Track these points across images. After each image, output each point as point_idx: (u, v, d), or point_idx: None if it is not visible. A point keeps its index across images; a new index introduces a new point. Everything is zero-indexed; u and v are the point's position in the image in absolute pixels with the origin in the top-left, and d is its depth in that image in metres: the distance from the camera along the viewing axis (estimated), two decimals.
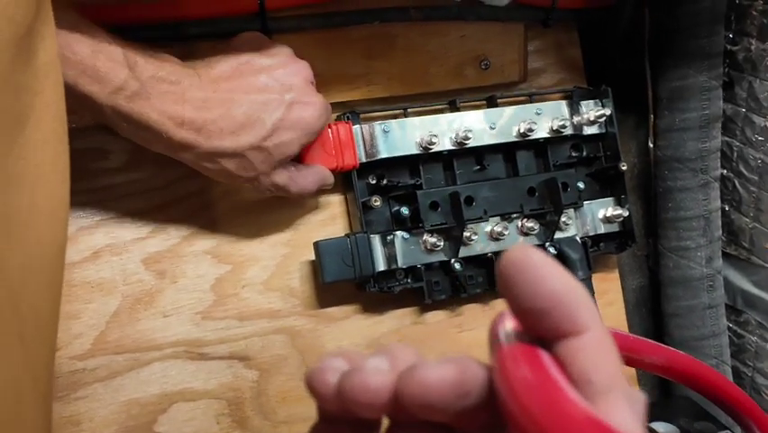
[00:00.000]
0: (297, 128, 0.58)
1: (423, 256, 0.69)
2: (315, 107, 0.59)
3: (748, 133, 0.74)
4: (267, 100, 0.57)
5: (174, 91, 0.53)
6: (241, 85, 0.56)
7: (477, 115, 0.70)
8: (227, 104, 0.55)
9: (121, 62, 0.50)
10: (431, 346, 0.72)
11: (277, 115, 0.57)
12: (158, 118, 0.52)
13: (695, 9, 0.71)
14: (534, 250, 0.25)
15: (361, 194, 0.68)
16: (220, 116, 0.55)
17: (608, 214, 0.74)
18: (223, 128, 0.55)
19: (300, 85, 0.59)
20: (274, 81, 0.57)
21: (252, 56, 0.58)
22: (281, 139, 0.58)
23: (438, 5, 0.69)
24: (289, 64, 0.59)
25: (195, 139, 0.54)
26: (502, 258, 0.26)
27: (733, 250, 0.78)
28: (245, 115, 0.56)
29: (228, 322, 0.66)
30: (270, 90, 0.57)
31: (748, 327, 0.78)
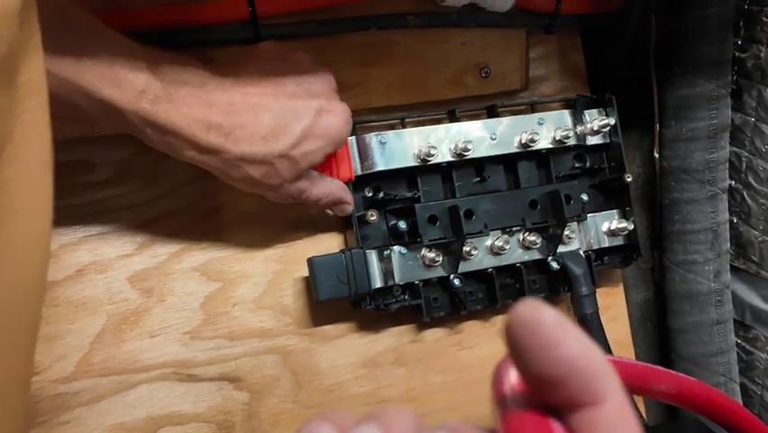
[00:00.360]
0: (324, 137, 0.56)
1: (421, 272, 0.66)
2: (342, 115, 0.57)
3: (757, 144, 0.71)
4: (296, 107, 0.55)
5: (199, 94, 0.51)
6: (269, 90, 0.54)
7: (477, 126, 0.68)
8: (255, 108, 0.53)
9: (141, 65, 0.48)
10: (429, 365, 0.69)
11: (306, 122, 0.55)
12: (183, 122, 0.50)
13: (703, 15, 0.69)
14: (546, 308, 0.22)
15: (356, 208, 0.65)
16: (248, 121, 0.53)
17: (613, 227, 0.72)
18: (252, 133, 0.53)
19: (327, 92, 0.57)
20: (302, 88, 0.55)
21: (277, 62, 0.56)
22: (309, 147, 0.55)
23: (437, 12, 0.66)
24: (316, 71, 0.57)
25: (223, 144, 0.52)
26: (510, 316, 0.23)
27: (741, 264, 0.76)
28: (275, 121, 0.54)
29: (218, 342, 0.63)
30: (299, 97, 0.55)
31: (757, 344, 0.75)
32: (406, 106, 0.69)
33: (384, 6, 0.64)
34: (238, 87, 0.53)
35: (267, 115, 0.53)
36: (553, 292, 0.71)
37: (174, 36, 0.59)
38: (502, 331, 0.23)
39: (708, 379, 0.75)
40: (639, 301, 0.83)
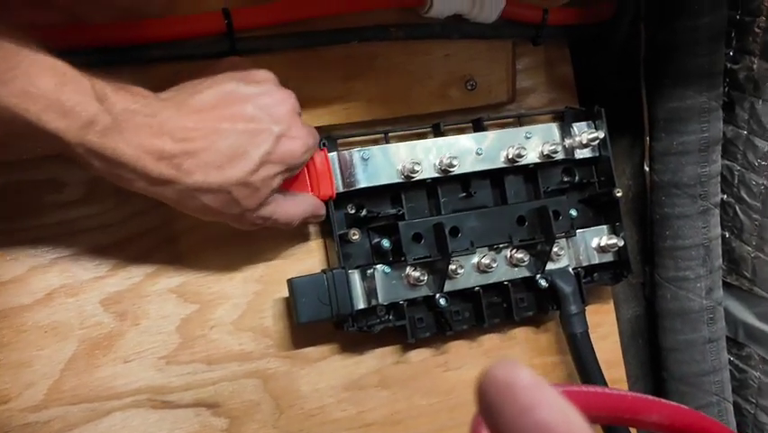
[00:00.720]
0: (283, 163, 0.54)
1: (405, 291, 0.64)
2: (302, 141, 0.55)
3: (750, 157, 0.70)
4: (255, 132, 0.52)
5: (150, 125, 0.48)
6: (226, 114, 0.52)
7: (462, 140, 0.66)
8: (212, 135, 0.51)
9: (90, 95, 0.45)
10: (415, 387, 0.67)
11: (265, 148, 0.52)
12: (133, 153, 0.47)
13: (694, 25, 0.67)
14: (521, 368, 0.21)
15: (338, 226, 0.63)
16: (204, 148, 0.50)
17: (603, 243, 0.70)
18: (207, 162, 0.50)
19: (288, 116, 0.54)
20: (261, 111, 0.53)
21: (237, 84, 0.53)
22: (268, 173, 0.53)
23: (420, 23, 0.64)
24: (277, 93, 0.54)
25: (175, 174, 0.50)
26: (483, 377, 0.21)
27: (734, 280, 0.74)
28: (231, 148, 0.51)
29: (195, 366, 0.61)
30: (258, 121, 0.52)
31: (750, 362, 0.74)
32: (390, 120, 0.67)
33: (365, 18, 0.62)
34: (192, 114, 0.50)
35: (223, 141, 0.51)
36: (542, 311, 0.69)
37: (147, 50, 0.57)
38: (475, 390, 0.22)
39: (701, 398, 0.73)
40: (630, 317, 0.81)
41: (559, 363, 0.72)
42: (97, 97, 0.45)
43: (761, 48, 0.67)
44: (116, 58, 0.56)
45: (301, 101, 0.62)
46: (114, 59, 0.56)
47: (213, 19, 0.57)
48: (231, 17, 0.57)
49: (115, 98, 0.47)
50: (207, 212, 0.53)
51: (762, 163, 0.68)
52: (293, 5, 0.59)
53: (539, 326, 0.72)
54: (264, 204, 0.55)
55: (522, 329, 0.71)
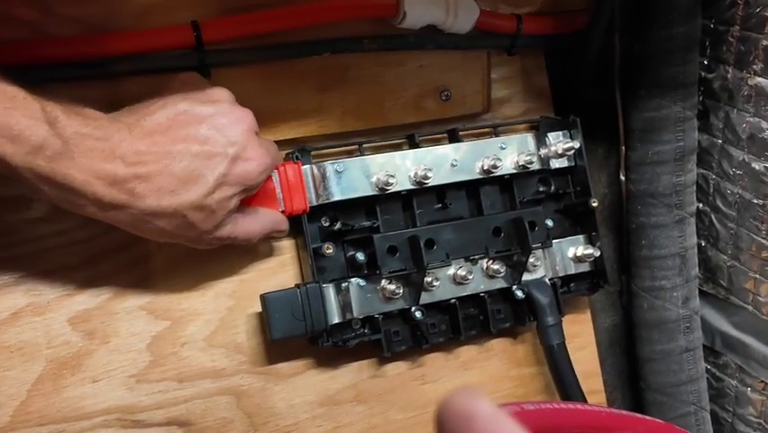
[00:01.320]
0: (238, 184, 0.53)
1: (381, 305, 0.64)
2: (258, 163, 0.54)
3: (725, 166, 0.70)
4: (209, 154, 0.51)
5: (101, 148, 0.47)
6: (179, 136, 0.50)
7: (437, 151, 0.65)
8: (165, 158, 0.49)
9: (39, 118, 0.44)
10: (391, 401, 0.67)
11: (220, 170, 0.51)
12: (84, 178, 0.46)
13: (669, 35, 0.67)
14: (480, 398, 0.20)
15: (312, 240, 0.62)
16: (157, 172, 0.49)
17: (579, 253, 0.69)
18: (160, 186, 0.49)
19: (244, 136, 0.53)
20: (216, 133, 0.51)
21: (192, 104, 0.52)
22: (223, 195, 0.52)
23: (394, 35, 0.64)
24: (232, 112, 0.53)
25: (128, 199, 0.48)
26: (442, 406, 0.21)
27: (710, 288, 0.74)
28: (185, 171, 0.50)
29: (166, 384, 0.60)
30: (212, 142, 0.51)
31: (727, 371, 0.74)
32: (364, 132, 0.66)
33: (338, 30, 0.62)
34: (145, 136, 0.49)
35: (176, 164, 0.50)
36: (519, 322, 0.69)
37: (115, 65, 0.56)
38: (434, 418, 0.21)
39: (679, 408, 0.73)
40: (607, 326, 0.81)
41: (537, 375, 0.71)
42: (48, 121, 0.44)
43: (735, 57, 0.67)
44: (83, 72, 0.55)
45: (274, 113, 0.62)
46: (80, 73, 0.55)
47: (181, 32, 0.56)
48: (200, 30, 0.56)
49: (66, 122, 0.45)
50: (163, 235, 0.52)
51: (737, 172, 0.68)
52: (263, 18, 0.58)
53: (516, 337, 0.71)
54: (221, 225, 0.54)
55: (499, 341, 0.71)
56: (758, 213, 0.66)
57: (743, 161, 0.67)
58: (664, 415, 0.73)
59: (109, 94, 0.55)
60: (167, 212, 0.50)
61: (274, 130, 0.62)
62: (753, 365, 0.70)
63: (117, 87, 0.56)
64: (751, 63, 0.65)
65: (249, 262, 0.63)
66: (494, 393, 0.70)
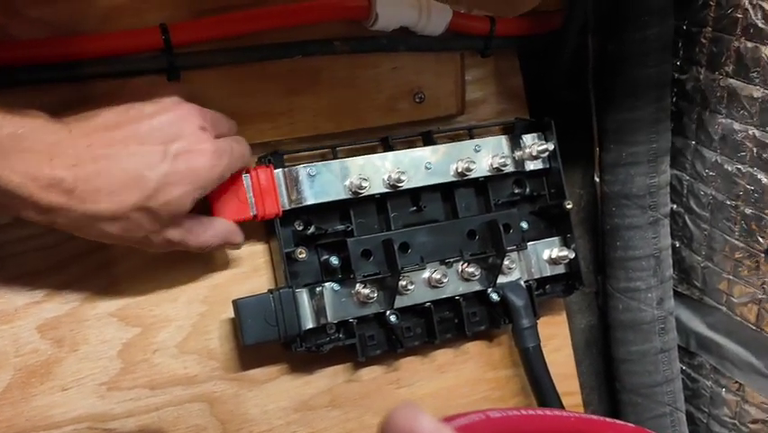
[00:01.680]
0: (186, 182, 0.51)
1: (355, 309, 0.63)
2: (205, 156, 0.52)
3: (698, 168, 0.70)
4: (149, 152, 0.50)
5: (39, 150, 0.46)
6: (117, 137, 0.49)
7: (411, 154, 0.65)
8: (104, 159, 0.48)
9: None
10: (366, 406, 0.66)
11: (161, 169, 0.50)
12: (19, 181, 0.45)
13: (642, 36, 0.67)
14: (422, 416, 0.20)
15: (285, 244, 0.62)
16: (95, 174, 0.48)
17: (554, 255, 0.69)
18: (99, 188, 0.48)
19: (188, 132, 0.51)
20: (158, 130, 0.50)
21: (132, 104, 0.51)
22: (170, 196, 0.51)
23: (366, 36, 0.63)
24: (176, 108, 0.52)
25: (66, 202, 0.47)
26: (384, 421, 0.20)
27: (685, 289, 0.74)
28: (124, 172, 0.49)
29: (138, 392, 0.59)
30: (153, 141, 0.50)
31: (702, 371, 0.74)
32: (338, 135, 0.66)
33: (310, 32, 0.61)
34: (83, 137, 0.48)
35: (114, 165, 0.48)
36: (494, 325, 0.68)
37: (82, 67, 0.55)
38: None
39: (654, 409, 0.73)
40: (583, 327, 0.81)
41: (513, 377, 0.71)
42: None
43: (707, 58, 0.67)
44: (50, 75, 0.54)
45: (245, 116, 0.61)
46: (47, 76, 0.54)
47: (150, 34, 0.55)
48: (168, 32, 0.55)
49: (2, 122, 0.44)
50: (109, 238, 0.51)
51: (710, 173, 0.68)
52: (233, 20, 0.57)
53: (492, 340, 0.71)
54: (169, 226, 0.53)
55: (475, 344, 0.70)
56: (731, 214, 0.67)
57: (715, 162, 0.67)
58: (640, 416, 0.74)
59: (78, 97, 0.54)
60: (106, 215, 0.49)
61: (245, 133, 0.61)
62: (727, 366, 0.71)
63: (88, 90, 0.55)
64: (723, 65, 0.65)
65: (221, 268, 0.63)
66: (470, 396, 0.70)
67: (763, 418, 0.68)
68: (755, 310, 0.66)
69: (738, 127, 0.64)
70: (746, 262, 0.66)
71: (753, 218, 0.65)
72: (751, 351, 0.68)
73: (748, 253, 0.66)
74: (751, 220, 0.65)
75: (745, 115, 0.64)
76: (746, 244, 0.66)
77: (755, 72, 0.62)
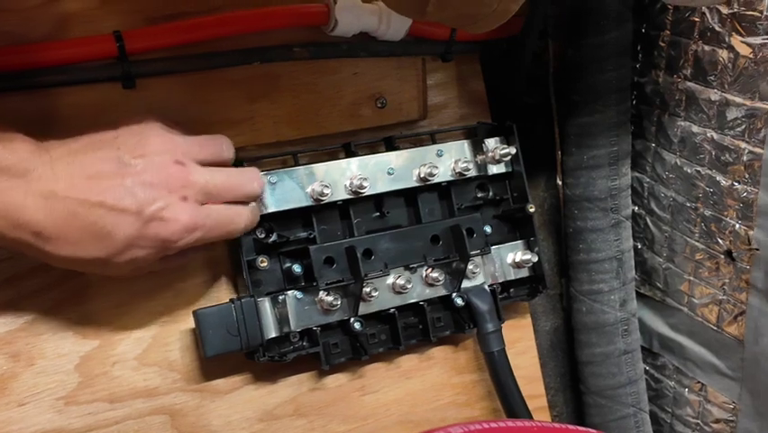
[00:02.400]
0: (151, 246, 0.50)
1: (319, 317, 0.63)
2: (177, 227, 0.50)
3: (659, 170, 0.70)
4: (122, 215, 0.48)
5: (17, 185, 0.45)
6: (98, 187, 0.48)
7: (373, 160, 0.65)
8: (78, 207, 0.47)
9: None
10: (331, 414, 0.66)
11: (129, 232, 0.49)
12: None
13: (601, 41, 0.67)
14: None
15: (246, 253, 0.61)
16: (65, 221, 0.47)
17: (518, 258, 0.69)
18: (66, 236, 0.48)
19: (168, 199, 0.50)
20: (138, 190, 0.49)
21: (122, 154, 0.49)
22: (133, 256, 0.50)
23: (326, 42, 0.63)
24: (163, 170, 0.50)
25: (33, 241, 0.47)
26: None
27: (647, 290, 0.75)
28: (94, 226, 0.48)
29: (97, 406, 0.58)
30: (130, 202, 0.48)
31: (665, 372, 0.75)
32: (299, 141, 0.65)
33: (269, 38, 0.60)
34: (65, 178, 0.47)
35: (86, 217, 0.47)
36: (459, 330, 0.68)
37: (35, 76, 0.54)
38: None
39: (618, 411, 0.73)
40: (548, 329, 0.82)
41: (478, 381, 0.71)
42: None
43: (666, 62, 0.68)
44: (1, 84, 0.53)
45: (204, 124, 0.60)
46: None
47: (103, 42, 0.54)
48: (123, 40, 0.54)
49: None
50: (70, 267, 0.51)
51: (669, 176, 0.69)
52: (189, 27, 0.56)
53: (457, 344, 0.71)
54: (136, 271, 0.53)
55: (440, 349, 0.70)
56: (690, 216, 0.67)
57: (675, 164, 0.68)
58: (604, 417, 0.74)
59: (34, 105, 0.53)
60: (67, 260, 0.49)
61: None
62: (689, 366, 0.71)
63: (42, 99, 0.55)
64: (681, 68, 0.66)
65: (182, 278, 0.62)
66: (436, 401, 0.69)
67: (726, 417, 0.68)
68: (716, 311, 0.67)
69: (697, 130, 0.65)
70: (707, 263, 0.67)
71: (712, 220, 0.65)
72: (712, 351, 0.68)
73: (708, 255, 0.67)
74: (710, 222, 0.66)
75: (703, 117, 0.64)
76: (706, 246, 0.67)
77: (713, 75, 0.62)
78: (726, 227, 0.64)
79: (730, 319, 0.66)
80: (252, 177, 0.57)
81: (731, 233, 0.64)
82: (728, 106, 0.61)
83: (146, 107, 0.58)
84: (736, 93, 0.60)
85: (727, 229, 0.64)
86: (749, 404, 0.65)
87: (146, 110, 0.57)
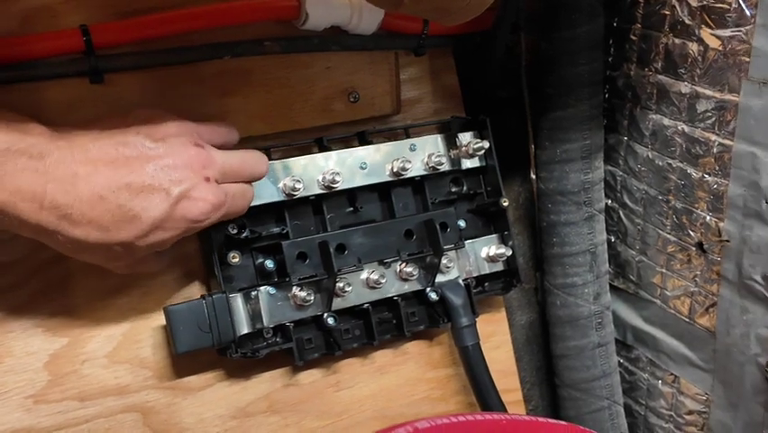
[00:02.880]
0: (179, 228, 0.50)
1: (292, 312, 0.62)
2: (205, 206, 0.51)
3: (631, 163, 0.71)
4: (151, 197, 0.48)
5: (36, 168, 0.44)
6: (122, 172, 0.47)
7: (345, 155, 0.64)
8: (102, 191, 0.47)
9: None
10: (305, 410, 0.65)
11: (157, 213, 0.49)
12: (8, 199, 0.43)
13: (572, 35, 0.67)
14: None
15: (218, 249, 0.60)
16: (90, 204, 0.46)
17: (492, 253, 0.70)
18: (92, 219, 0.47)
19: (192, 177, 0.50)
20: (161, 173, 0.49)
21: (142, 138, 0.49)
22: (158, 238, 0.50)
23: (297, 36, 0.62)
24: (183, 152, 0.50)
25: (57, 224, 0.46)
26: None
27: (621, 283, 0.75)
28: (122, 210, 0.47)
29: (67, 404, 0.57)
30: (156, 185, 0.48)
31: (639, 364, 0.75)
32: (271, 136, 0.65)
33: (240, 32, 0.60)
34: (87, 163, 0.46)
35: (113, 201, 0.47)
36: (433, 324, 0.68)
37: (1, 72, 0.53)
38: None
39: (593, 403, 0.74)
40: (524, 323, 0.82)
41: (453, 376, 0.71)
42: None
43: (637, 55, 0.68)
44: None
45: None
46: None
47: (70, 36, 0.54)
48: (90, 34, 0.54)
49: None
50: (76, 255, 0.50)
51: (642, 169, 0.69)
52: (157, 21, 0.55)
53: (432, 339, 0.71)
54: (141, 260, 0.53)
55: (414, 343, 0.70)
56: (663, 209, 0.68)
57: (647, 157, 0.68)
58: (579, 410, 0.74)
59: None
60: (93, 245, 0.48)
61: None
62: (663, 358, 0.72)
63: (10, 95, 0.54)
64: (652, 61, 0.66)
65: (153, 274, 0.61)
66: (410, 396, 0.69)
67: (698, 409, 0.69)
68: (688, 303, 0.68)
69: (668, 123, 0.65)
70: (679, 255, 0.67)
71: (683, 212, 0.66)
72: (684, 343, 0.69)
73: (680, 247, 0.67)
74: (682, 214, 0.66)
75: (674, 110, 0.65)
76: (678, 238, 0.67)
77: (683, 68, 0.63)
78: (698, 219, 0.64)
79: (702, 311, 0.66)
80: (261, 159, 0.57)
81: (702, 225, 0.64)
82: (698, 99, 0.62)
83: (115, 103, 0.57)
84: (706, 85, 0.61)
85: (698, 221, 0.64)
86: (721, 395, 0.66)
87: (115, 106, 0.57)
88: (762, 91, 0.56)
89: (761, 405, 0.62)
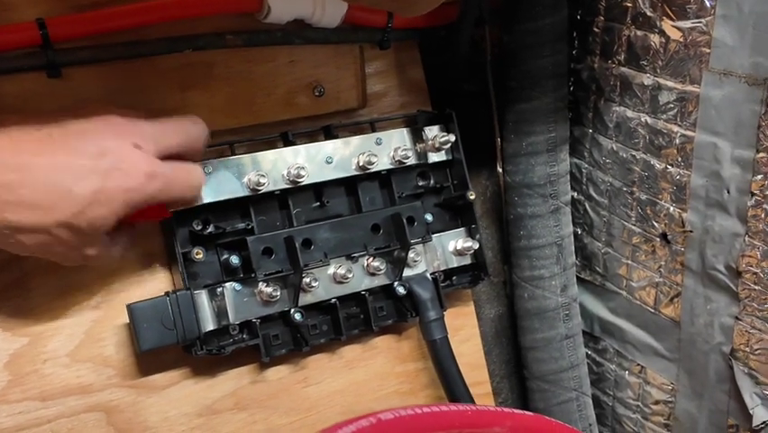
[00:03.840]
0: (116, 200, 0.48)
1: (258, 309, 0.62)
2: (138, 173, 0.49)
3: (596, 156, 0.71)
4: (79, 166, 0.47)
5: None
6: (48, 148, 0.46)
7: (311, 149, 0.64)
8: (26, 169, 0.45)
9: None
10: (273, 407, 0.65)
11: (89, 185, 0.47)
12: None
13: (536, 27, 0.68)
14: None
15: (182, 245, 0.60)
16: (19, 184, 0.45)
17: (459, 246, 0.69)
18: (20, 200, 0.45)
19: (121, 149, 0.49)
20: (91, 143, 0.48)
21: (66, 114, 0.48)
22: (96, 214, 0.48)
23: (259, 29, 0.62)
24: (110, 123, 0.49)
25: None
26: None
27: (587, 275, 0.76)
28: (50, 186, 0.46)
29: (27, 404, 0.56)
30: (83, 154, 0.47)
31: (606, 355, 0.75)
32: (235, 130, 0.64)
33: (200, 25, 0.59)
34: (11, 144, 0.45)
35: (42, 177, 0.46)
36: (401, 318, 0.68)
37: None
38: None
39: (561, 395, 0.74)
40: (492, 317, 0.82)
41: (422, 369, 0.71)
42: None
43: (600, 47, 0.68)
44: None
45: None
46: None
47: (26, 30, 0.52)
48: (46, 27, 0.53)
49: None
50: (24, 250, 0.49)
51: (606, 161, 0.70)
52: (116, 14, 0.55)
53: (401, 333, 0.71)
54: (88, 243, 0.50)
55: (383, 338, 0.70)
56: (627, 200, 0.68)
57: (612, 149, 0.69)
58: (548, 402, 0.75)
59: None
60: (27, 227, 0.47)
61: None
62: (629, 349, 0.72)
63: None
64: (615, 53, 0.66)
65: (116, 271, 0.60)
66: (379, 391, 0.69)
67: (665, 399, 0.69)
68: (653, 294, 0.68)
69: (631, 115, 0.66)
70: (643, 246, 0.68)
71: (647, 204, 0.66)
72: (650, 333, 0.69)
73: (645, 238, 0.68)
74: (646, 205, 0.66)
75: (637, 102, 0.65)
76: (643, 229, 0.67)
77: (645, 60, 0.63)
78: (661, 210, 0.65)
79: (666, 301, 0.67)
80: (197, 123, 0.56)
81: (666, 216, 0.65)
82: (661, 91, 0.62)
83: (73, 97, 0.57)
84: (668, 77, 0.61)
85: (662, 212, 0.65)
86: (686, 384, 0.67)
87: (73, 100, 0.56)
88: (722, 82, 0.56)
89: (725, 393, 0.63)
